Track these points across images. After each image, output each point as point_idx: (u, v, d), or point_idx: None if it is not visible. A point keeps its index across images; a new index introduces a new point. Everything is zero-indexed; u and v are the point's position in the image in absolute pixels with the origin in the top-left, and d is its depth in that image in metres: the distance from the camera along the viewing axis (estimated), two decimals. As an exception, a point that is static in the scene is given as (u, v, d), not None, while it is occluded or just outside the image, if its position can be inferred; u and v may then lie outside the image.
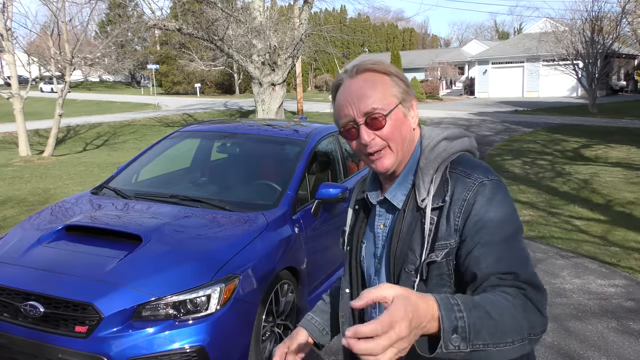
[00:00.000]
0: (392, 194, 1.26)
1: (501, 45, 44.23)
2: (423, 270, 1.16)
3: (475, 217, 1.12)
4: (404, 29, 68.90)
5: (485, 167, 1.21)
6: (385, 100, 1.19)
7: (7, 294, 2.76)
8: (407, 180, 1.25)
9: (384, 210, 1.29)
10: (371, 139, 1.19)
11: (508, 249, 1.11)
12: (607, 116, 22.34)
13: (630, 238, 5.95)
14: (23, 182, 9.58)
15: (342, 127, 1.23)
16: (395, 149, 1.21)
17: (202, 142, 4.88)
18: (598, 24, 24.14)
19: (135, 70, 54.73)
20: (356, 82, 1.21)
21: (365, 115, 1.18)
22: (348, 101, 1.20)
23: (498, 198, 1.14)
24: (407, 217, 1.21)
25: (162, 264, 2.83)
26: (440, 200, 1.17)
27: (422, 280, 1.17)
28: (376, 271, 1.30)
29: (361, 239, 1.35)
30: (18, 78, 13.44)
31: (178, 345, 2.61)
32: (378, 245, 1.29)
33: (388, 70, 1.23)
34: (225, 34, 12.00)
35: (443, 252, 1.15)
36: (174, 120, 24.29)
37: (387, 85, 1.21)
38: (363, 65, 1.23)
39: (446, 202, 1.16)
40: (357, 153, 1.26)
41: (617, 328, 3.88)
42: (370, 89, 1.19)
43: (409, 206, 1.21)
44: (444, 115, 25.27)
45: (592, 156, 12.17)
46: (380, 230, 1.29)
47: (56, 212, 3.62)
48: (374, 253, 1.30)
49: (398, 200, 1.24)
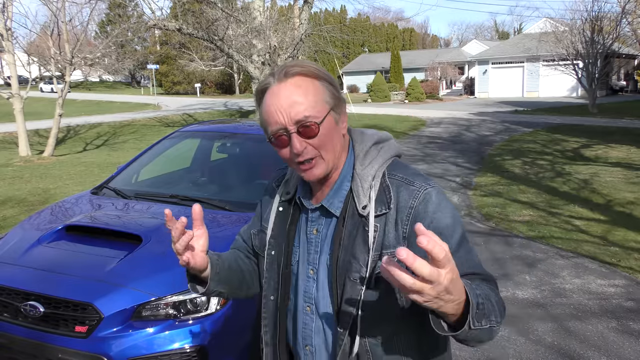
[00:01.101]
0: (329, 202, 1.22)
1: (501, 45, 44.23)
2: (372, 280, 1.15)
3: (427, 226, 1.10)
4: (404, 29, 68.91)
5: (421, 172, 1.23)
6: (317, 107, 1.14)
7: (7, 294, 2.76)
8: (342, 187, 1.22)
9: (317, 216, 1.26)
10: (303, 148, 1.14)
11: (465, 252, 1.14)
12: (607, 116, 22.34)
13: (630, 238, 5.95)
14: (23, 182, 9.59)
15: (271, 135, 1.18)
16: (327, 158, 1.17)
17: (202, 142, 4.88)
18: (598, 24, 24.14)
19: (135, 70, 54.76)
20: (286, 87, 1.15)
21: (297, 124, 1.13)
22: (278, 108, 1.14)
23: (444, 204, 1.16)
24: (348, 224, 1.19)
25: (162, 264, 2.83)
26: (383, 207, 1.16)
27: (370, 289, 1.15)
28: (308, 277, 1.26)
29: (292, 244, 1.29)
30: (18, 78, 13.44)
31: (178, 345, 2.61)
32: (311, 251, 1.26)
33: (318, 75, 1.18)
34: (225, 34, 12.01)
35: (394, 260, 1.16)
36: (174, 120, 24.29)
37: (319, 91, 1.16)
38: (293, 68, 1.17)
39: (391, 209, 1.15)
40: (286, 161, 1.21)
41: (617, 328, 3.88)
42: (301, 95, 1.14)
43: (348, 213, 1.19)
44: (444, 115, 25.27)
45: (592, 156, 12.17)
46: (314, 236, 1.25)
47: (56, 212, 3.62)
48: (307, 259, 1.26)
49: (335, 208, 1.22)
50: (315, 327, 1.26)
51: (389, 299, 1.16)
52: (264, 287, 1.36)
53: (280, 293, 1.31)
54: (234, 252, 1.45)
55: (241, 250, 1.47)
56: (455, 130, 18.72)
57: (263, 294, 1.36)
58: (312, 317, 1.26)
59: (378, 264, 1.14)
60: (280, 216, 1.32)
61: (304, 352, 1.30)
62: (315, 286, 1.25)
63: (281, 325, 1.34)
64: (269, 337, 1.36)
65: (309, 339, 1.28)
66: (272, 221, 1.33)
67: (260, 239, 1.38)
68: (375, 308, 1.16)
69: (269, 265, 1.33)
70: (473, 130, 18.55)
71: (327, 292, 1.23)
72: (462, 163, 11.64)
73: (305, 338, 1.29)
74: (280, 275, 1.31)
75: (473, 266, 1.14)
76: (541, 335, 3.77)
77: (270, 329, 1.36)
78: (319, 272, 1.24)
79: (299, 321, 1.30)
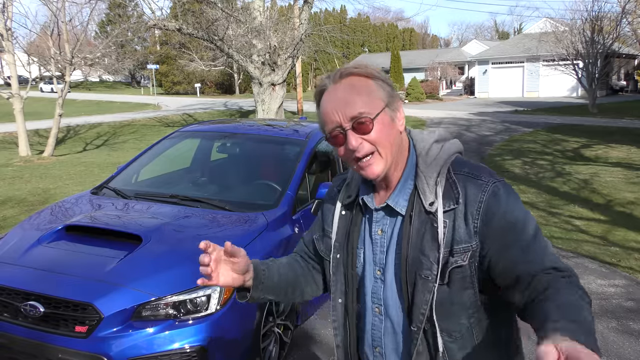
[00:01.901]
0: (394, 201, 1.24)
1: (501, 45, 44.23)
2: (446, 275, 1.15)
3: (500, 219, 1.13)
4: (404, 29, 68.90)
5: (486, 167, 1.24)
6: (371, 104, 1.18)
7: (7, 294, 2.76)
8: (407, 186, 1.23)
9: (381, 216, 1.27)
10: (359, 144, 1.17)
11: (540, 246, 1.13)
12: (607, 116, 22.34)
13: (631, 238, 5.95)
14: (23, 182, 9.58)
15: (328, 134, 1.21)
16: (384, 154, 1.19)
17: (202, 142, 4.88)
18: (598, 24, 24.14)
19: (135, 70, 54.74)
20: (341, 87, 1.20)
21: (352, 120, 1.17)
22: (334, 107, 1.18)
23: (513, 197, 1.17)
24: (415, 222, 1.19)
25: (162, 264, 2.83)
26: (452, 202, 1.17)
27: (444, 284, 1.16)
28: (376, 278, 1.27)
29: (356, 246, 1.30)
30: (18, 78, 13.44)
31: (178, 345, 2.61)
32: (376, 251, 1.26)
33: (372, 74, 1.22)
34: (225, 34, 12.00)
35: (467, 254, 1.15)
36: (174, 120, 24.29)
37: (372, 89, 1.20)
38: (347, 69, 1.22)
39: (459, 204, 1.16)
40: (344, 159, 1.24)
41: (617, 328, 3.88)
42: (355, 93, 1.18)
43: (415, 211, 1.20)
44: (444, 115, 25.27)
45: (592, 156, 12.17)
46: (379, 237, 1.26)
47: (56, 212, 3.62)
48: (374, 260, 1.27)
49: (400, 207, 1.23)
50: (385, 328, 1.27)
51: (462, 295, 1.17)
52: (331, 291, 1.36)
53: (348, 295, 1.32)
54: (292, 257, 1.49)
55: (301, 254, 1.50)
56: (455, 130, 18.72)
57: (331, 297, 1.36)
58: (381, 317, 1.26)
59: (450, 260, 1.15)
60: (343, 219, 1.34)
61: (373, 353, 1.30)
62: (383, 287, 1.25)
63: (351, 328, 1.34)
64: (340, 340, 1.36)
65: (378, 340, 1.28)
66: (335, 225, 1.35)
67: (325, 243, 1.39)
68: (448, 305, 1.17)
69: (335, 269, 1.34)
70: (473, 130, 18.55)
71: (395, 292, 1.23)
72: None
73: (374, 339, 1.29)
74: (347, 278, 1.32)
75: (552, 260, 1.12)
76: (541, 335, 3.76)
77: (341, 332, 1.35)
78: (386, 273, 1.25)
79: (367, 322, 1.30)
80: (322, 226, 1.41)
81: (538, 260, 1.10)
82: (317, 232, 1.44)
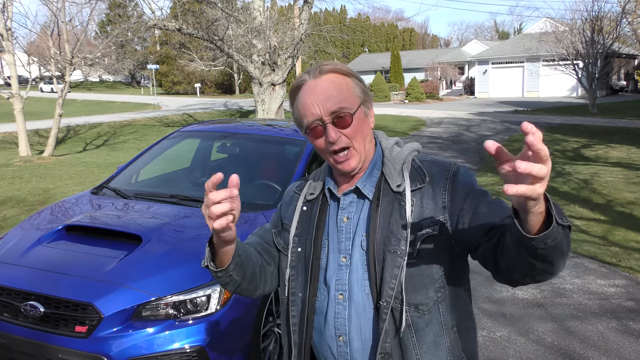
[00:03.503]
0: (362, 184, 1.31)
1: (501, 45, 44.23)
2: (416, 247, 1.21)
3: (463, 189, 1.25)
4: (404, 29, 68.90)
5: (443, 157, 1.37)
6: (350, 99, 1.25)
7: (7, 294, 2.76)
8: (374, 173, 1.32)
9: (348, 203, 1.32)
10: (337, 137, 1.24)
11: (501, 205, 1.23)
12: (607, 116, 22.34)
13: (631, 238, 5.95)
14: (23, 182, 9.59)
15: (307, 126, 1.26)
16: (359, 149, 1.27)
17: (202, 142, 4.88)
18: (598, 24, 24.14)
19: (135, 70, 54.75)
20: (321, 82, 1.26)
21: (332, 114, 1.23)
22: (314, 100, 1.24)
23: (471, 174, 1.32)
24: (383, 203, 1.27)
25: (162, 264, 2.83)
26: (418, 182, 1.27)
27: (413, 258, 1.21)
28: (340, 265, 1.29)
29: (321, 238, 1.33)
30: (18, 78, 13.44)
31: (178, 345, 2.61)
32: (342, 239, 1.30)
33: (350, 72, 1.30)
34: (225, 34, 12.00)
35: (436, 226, 1.22)
36: (174, 120, 24.29)
37: (350, 86, 1.27)
38: (327, 66, 1.28)
39: (425, 183, 1.27)
40: (320, 152, 1.30)
41: (617, 328, 3.88)
42: (335, 89, 1.25)
43: (382, 194, 1.28)
44: (444, 115, 25.27)
45: (593, 156, 12.17)
46: (344, 224, 1.31)
47: (56, 212, 3.62)
48: (339, 248, 1.30)
49: (368, 191, 1.30)
50: (348, 314, 1.27)
51: (430, 267, 1.23)
52: (290, 286, 1.35)
53: (308, 290, 1.32)
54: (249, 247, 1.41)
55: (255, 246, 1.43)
56: (455, 130, 18.72)
57: (290, 291, 1.35)
58: (345, 304, 1.28)
59: (418, 235, 1.22)
60: (304, 214, 1.38)
61: (337, 343, 1.29)
62: (349, 272, 1.28)
63: (309, 323, 1.33)
64: (297, 337, 1.34)
65: (342, 328, 1.28)
66: (295, 219, 1.38)
67: (284, 238, 1.40)
68: (417, 277, 1.22)
69: (295, 263, 1.35)
70: (473, 130, 18.55)
71: (362, 275, 1.26)
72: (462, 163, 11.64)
73: (337, 328, 1.29)
74: (308, 272, 1.32)
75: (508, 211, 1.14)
76: (541, 335, 3.77)
77: (299, 328, 1.34)
78: (352, 257, 1.28)
79: (330, 312, 1.29)
80: (281, 221, 1.44)
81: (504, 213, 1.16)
82: (274, 227, 1.46)
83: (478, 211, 1.20)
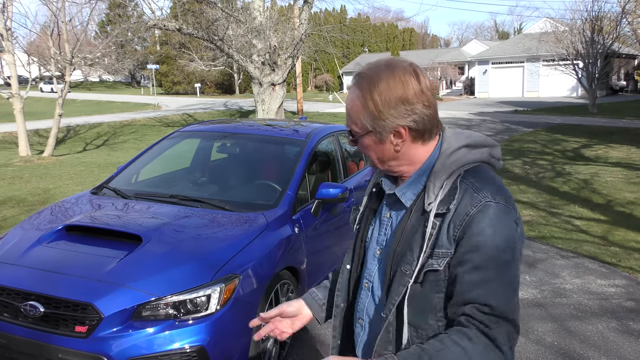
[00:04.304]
0: (402, 192, 1.28)
1: (501, 45, 44.22)
2: (420, 275, 1.18)
3: (474, 237, 1.12)
4: (404, 29, 68.86)
5: (497, 185, 1.20)
6: (359, 123, 1.26)
7: (7, 294, 2.76)
8: (419, 181, 1.25)
9: (392, 202, 1.33)
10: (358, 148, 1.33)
11: (497, 277, 1.12)
12: (607, 116, 22.34)
13: (631, 238, 5.95)
14: (23, 182, 9.58)
15: None
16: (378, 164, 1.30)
17: (202, 142, 4.88)
18: (598, 24, 24.14)
19: (135, 70, 54.74)
20: (350, 92, 1.28)
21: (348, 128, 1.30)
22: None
23: (501, 223, 1.13)
24: (412, 217, 1.23)
25: (162, 264, 2.83)
26: (445, 207, 1.17)
27: (417, 283, 1.19)
28: (374, 256, 1.34)
29: (370, 221, 1.40)
30: (18, 78, 13.44)
31: (178, 345, 2.61)
32: (381, 232, 1.34)
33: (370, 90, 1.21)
34: (225, 34, 12.00)
35: (444, 260, 1.16)
36: (174, 120, 24.29)
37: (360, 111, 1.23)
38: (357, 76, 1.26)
39: (450, 211, 1.16)
40: None
41: (617, 328, 3.88)
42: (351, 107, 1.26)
43: (417, 207, 1.23)
44: (444, 115, 25.26)
45: (593, 156, 12.17)
46: (386, 219, 1.33)
47: (56, 212, 3.62)
48: (378, 239, 1.34)
49: (407, 199, 1.26)
50: (368, 303, 1.34)
51: (432, 297, 1.20)
52: (345, 257, 1.47)
53: (354, 265, 1.42)
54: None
55: None
56: (455, 130, 18.69)
57: (343, 261, 1.47)
58: (368, 293, 1.34)
59: (427, 262, 1.17)
60: (370, 198, 1.44)
61: (356, 324, 1.39)
62: (377, 265, 1.33)
63: (350, 293, 1.44)
64: (341, 300, 1.46)
65: (361, 313, 1.36)
66: (363, 203, 1.46)
67: (354, 216, 1.49)
68: (419, 302, 1.21)
69: (354, 238, 1.45)
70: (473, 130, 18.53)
71: (383, 274, 1.30)
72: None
73: (359, 311, 1.38)
74: (356, 249, 1.42)
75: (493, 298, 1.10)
76: (541, 335, 3.77)
77: (343, 294, 1.45)
78: (383, 253, 1.32)
79: (360, 293, 1.38)
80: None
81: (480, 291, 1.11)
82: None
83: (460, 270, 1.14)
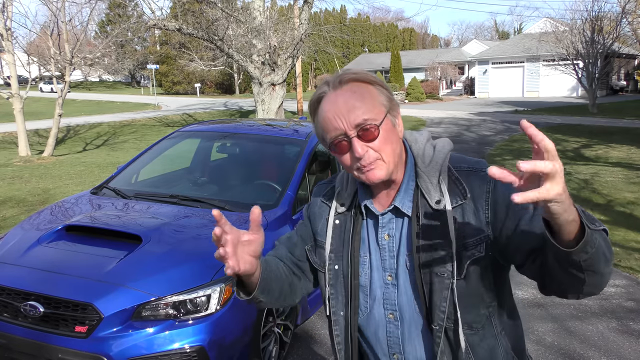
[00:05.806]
0: (400, 202, 1.21)
1: (501, 45, 44.23)
2: (463, 269, 1.15)
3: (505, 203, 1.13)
4: (404, 29, 68.89)
5: (480, 159, 1.25)
6: (375, 110, 1.15)
7: (7, 294, 2.76)
8: (410, 187, 1.22)
9: (387, 220, 1.24)
10: (365, 152, 1.14)
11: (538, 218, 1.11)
12: (608, 116, 22.34)
13: (631, 238, 5.95)
14: (23, 182, 9.58)
15: (331, 142, 1.17)
16: (387, 160, 1.17)
17: (202, 142, 4.88)
18: (598, 24, 24.14)
19: (135, 70, 54.72)
20: (342, 93, 1.16)
21: (357, 127, 1.13)
22: (336, 113, 1.14)
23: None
24: (422, 222, 1.18)
25: (162, 264, 2.83)
26: (459, 198, 1.16)
27: (461, 279, 1.15)
28: (387, 284, 1.24)
29: (358, 254, 1.26)
30: (18, 78, 13.44)
31: (178, 345, 2.61)
32: (385, 257, 1.24)
33: (372, 80, 1.19)
34: (225, 34, 12.00)
35: (482, 245, 1.15)
36: (174, 120, 24.29)
37: (374, 95, 1.17)
38: (347, 75, 1.18)
39: (467, 198, 1.16)
40: (347, 168, 1.20)
41: (618, 328, 3.88)
42: (358, 100, 1.14)
43: (421, 211, 1.19)
44: (444, 115, 25.27)
45: (593, 156, 12.17)
46: (386, 242, 1.23)
47: (56, 212, 3.62)
48: (382, 266, 1.24)
49: (407, 208, 1.21)
50: (402, 333, 1.24)
51: (479, 285, 1.17)
52: (330, 304, 1.30)
53: (351, 307, 1.27)
54: (275, 261, 1.37)
55: (283, 260, 1.38)
56: (455, 130, 18.72)
57: (332, 311, 1.30)
58: (397, 324, 1.24)
59: (464, 255, 1.14)
60: (337, 229, 1.29)
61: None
62: (397, 292, 1.22)
63: (353, 341, 1.29)
64: (343, 355, 1.31)
65: (396, 347, 1.25)
66: (329, 235, 1.30)
67: (319, 255, 1.33)
68: (466, 298, 1.16)
69: (333, 281, 1.29)
70: (473, 130, 18.55)
71: (411, 295, 1.21)
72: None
73: (391, 346, 1.26)
74: (348, 290, 1.27)
75: None
76: (541, 335, 3.77)
77: (344, 346, 1.30)
78: (398, 277, 1.22)
79: (380, 330, 1.26)
80: (314, 237, 1.35)
81: None
82: (307, 243, 1.38)
83: (520, 229, 1.10)
